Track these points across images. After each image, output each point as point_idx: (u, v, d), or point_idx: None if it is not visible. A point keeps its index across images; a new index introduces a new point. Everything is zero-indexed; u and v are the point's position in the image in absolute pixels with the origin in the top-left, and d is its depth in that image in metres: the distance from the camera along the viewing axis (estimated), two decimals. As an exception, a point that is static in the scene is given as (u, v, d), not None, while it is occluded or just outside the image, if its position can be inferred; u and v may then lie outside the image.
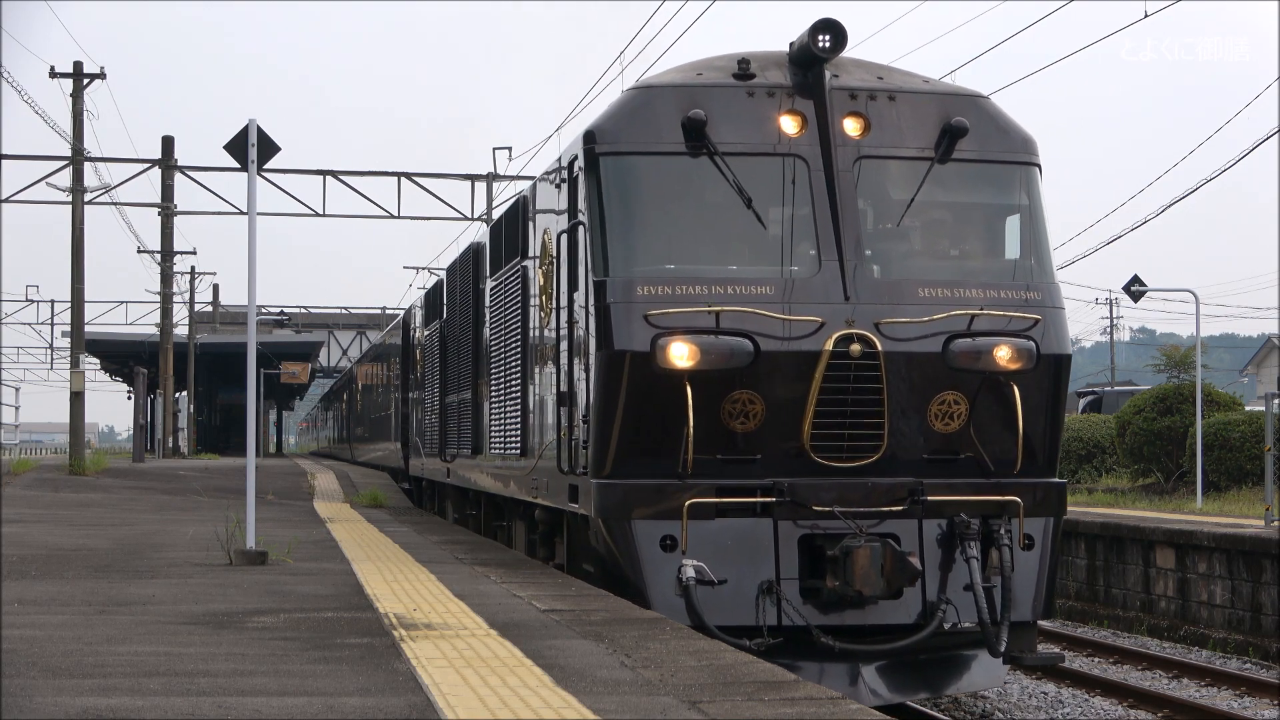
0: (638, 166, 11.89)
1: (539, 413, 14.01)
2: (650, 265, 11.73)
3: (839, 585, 11.12)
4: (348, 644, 8.80)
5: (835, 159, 11.75)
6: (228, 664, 8.09)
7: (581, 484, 11.94)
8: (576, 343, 12.11)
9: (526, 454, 14.60)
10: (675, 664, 8.05)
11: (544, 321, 13.56)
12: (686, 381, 11.16)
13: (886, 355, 11.40)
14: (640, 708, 6.86)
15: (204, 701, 6.93)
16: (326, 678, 7.63)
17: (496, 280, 16.39)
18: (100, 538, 17.21)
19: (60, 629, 9.39)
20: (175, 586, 11.95)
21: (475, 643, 8.79)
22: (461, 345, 19.15)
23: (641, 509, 11.33)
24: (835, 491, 11.45)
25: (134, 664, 8.01)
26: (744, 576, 11.24)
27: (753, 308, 11.34)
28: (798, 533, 11.40)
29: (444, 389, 20.97)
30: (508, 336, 15.52)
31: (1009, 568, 11.47)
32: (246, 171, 14.50)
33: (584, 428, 11.82)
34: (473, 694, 7.14)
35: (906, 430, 11.62)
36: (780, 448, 11.47)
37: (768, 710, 6.86)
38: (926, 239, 12.45)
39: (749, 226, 11.80)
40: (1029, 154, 12.31)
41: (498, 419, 16.21)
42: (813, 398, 11.34)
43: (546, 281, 13.45)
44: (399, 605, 10.59)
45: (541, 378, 13.80)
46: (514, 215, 15.41)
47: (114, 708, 6.77)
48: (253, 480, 14.45)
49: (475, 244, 18.66)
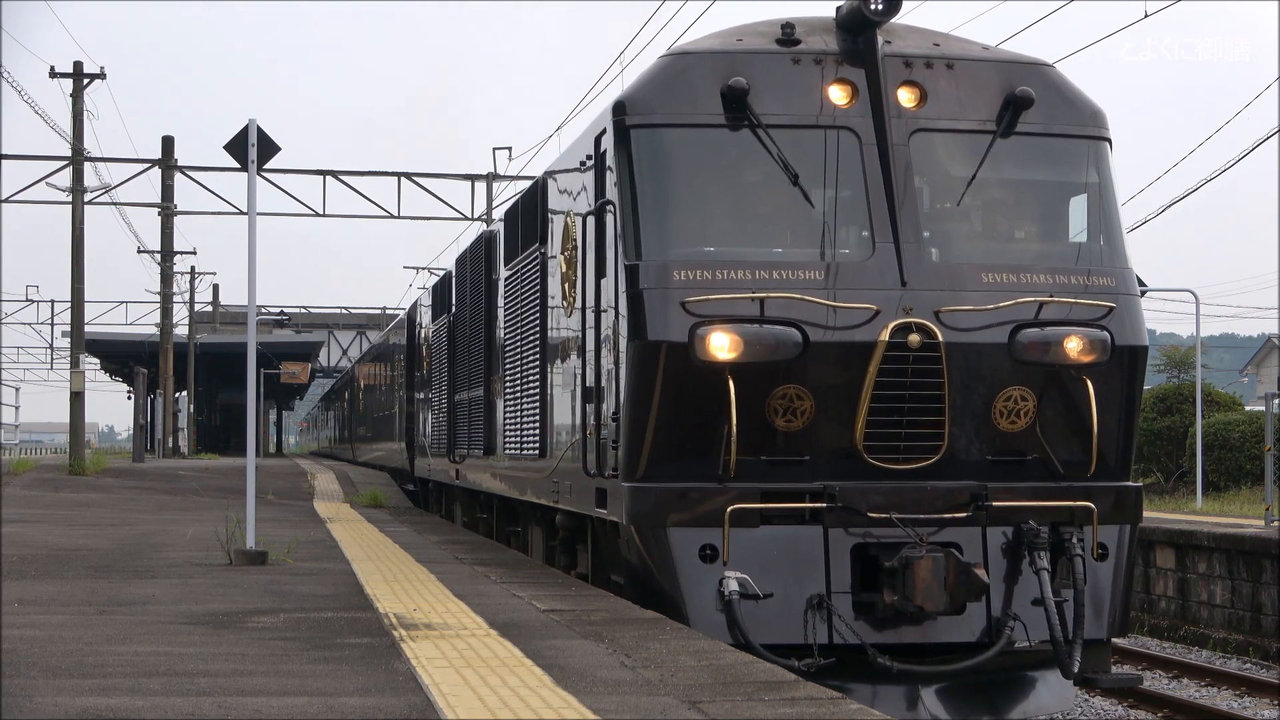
0: (673, 140, 10.99)
1: (560, 410, 13.18)
2: (687, 248, 10.85)
3: (897, 600, 10.22)
4: (348, 644, 8.80)
5: (889, 132, 10.85)
6: (228, 664, 8.09)
7: (611, 488, 11.11)
8: (604, 334, 11.27)
9: (546, 455, 13.77)
10: (675, 664, 8.04)
11: (566, 312, 12.67)
12: (728, 375, 10.29)
13: (948, 346, 10.52)
14: (640, 708, 6.86)
15: (204, 701, 6.93)
16: (326, 678, 7.63)
17: (512, 270, 15.47)
18: (100, 538, 17.21)
19: (60, 629, 9.39)
20: (175, 586, 11.95)
21: (475, 643, 8.79)
22: (473, 340, 18.23)
23: (678, 515, 10.45)
24: (891, 496, 10.55)
25: (134, 664, 8.01)
26: (791, 590, 10.36)
27: (800, 294, 10.46)
28: (850, 541, 10.50)
29: (453, 386, 20.17)
30: (524, 329, 14.68)
31: (1082, 580, 10.56)
32: (246, 171, 14.50)
33: (613, 426, 10.95)
34: (473, 694, 7.14)
35: (968, 429, 10.78)
36: (830, 448, 10.62)
37: (768, 710, 6.86)
38: (988, 219, 11.54)
39: (795, 205, 10.92)
40: (1099, 127, 11.40)
41: (513, 417, 15.38)
42: (866, 393, 10.48)
43: (569, 269, 12.53)
44: (399, 605, 10.59)
45: (563, 372, 12.98)
46: (531, 200, 14.48)
47: (114, 708, 6.76)
48: (253, 480, 14.45)
49: (487, 232, 17.77)
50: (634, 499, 10.56)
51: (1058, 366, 10.80)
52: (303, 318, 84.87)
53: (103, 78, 39.09)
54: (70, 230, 36.71)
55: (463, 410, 19.13)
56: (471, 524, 20.55)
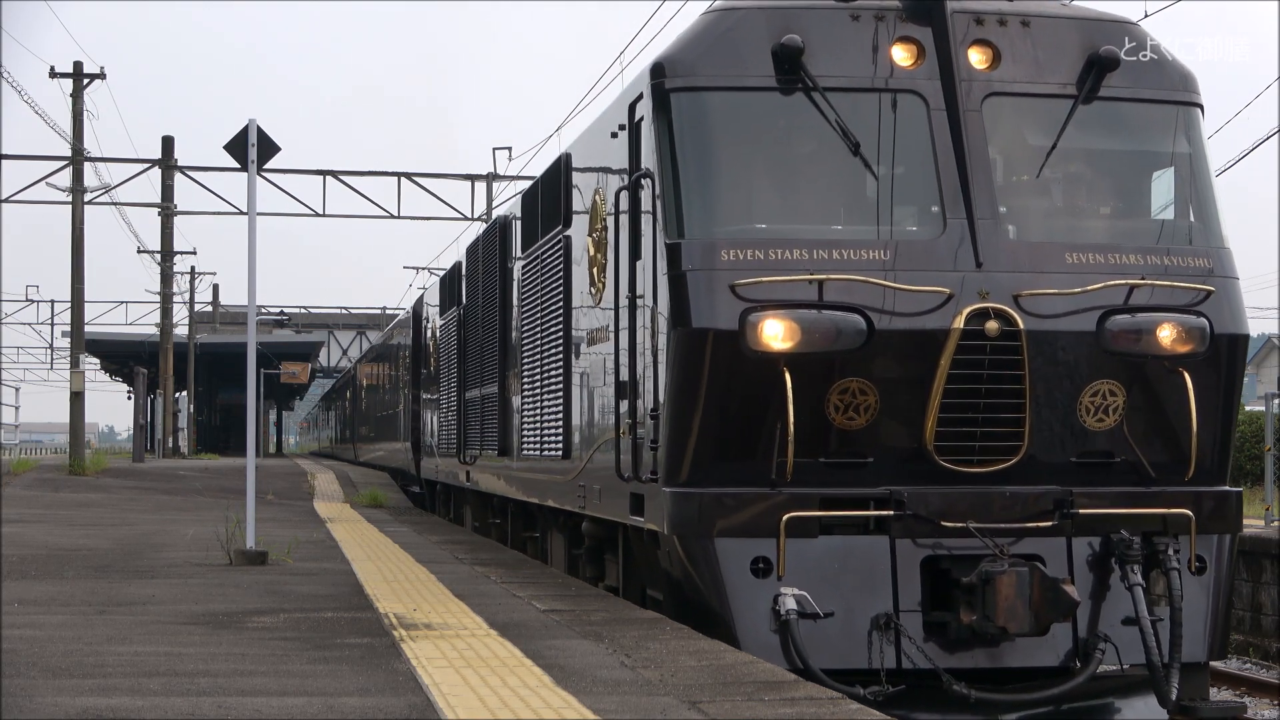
0: (718, 104, 9.93)
1: (587, 408, 12.16)
2: (735, 225, 9.83)
3: (976, 620, 9.18)
4: (348, 644, 8.80)
5: (959, 96, 9.82)
6: (228, 664, 8.09)
7: (649, 493, 10.05)
8: (641, 322, 10.27)
9: (570, 456, 12.67)
10: (675, 664, 8.04)
11: (595, 299, 11.64)
12: (784, 367, 9.30)
13: (1029, 335, 9.50)
14: (640, 708, 6.86)
15: (204, 701, 6.93)
16: (326, 678, 7.63)
17: (530, 256, 14.37)
18: (100, 538, 17.21)
19: (60, 629, 9.39)
20: (175, 586, 11.95)
21: (475, 643, 8.79)
22: (486, 333, 17.12)
23: (727, 524, 9.41)
24: (966, 502, 9.53)
25: (134, 664, 8.01)
26: (855, 608, 9.33)
27: (864, 276, 9.44)
28: (919, 554, 9.47)
29: (464, 383, 19.17)
30: (546, 319, 13.59)
31: (1179, 596, 9.51)
32: (246, 171, 14.51)
33: (651, 425, 9.94)
34: (473, 694, 7.14)
35: (1051, 427, 9.71)
36: (896, 449, 9.60)
37: (768, 710, 6.86)
38: (1070, 193, 10.45)
39: (856, 177, 9.92)
40: (1189, 92, 10.34)
41: (532, 415, 14.32)
42: (938, 387, 9.45)
43: (598, 252, 11.53)
44: (399, 605, 10.59)
45: (590, 366, 11.94)
46: (553, 178, 13.25)
47: (114, 708, 6.76)
48: (253, 480, 14.46)
49: (501, 218, 16.63)
50: (676, 506, 9.59)
51: (1150, 357, 9.79)
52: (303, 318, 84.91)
53: (103, 78, 39.13)
54: (70, 230, 36.75)
55: (474, 409, 18.22)
56: (483, 529, 19.66)
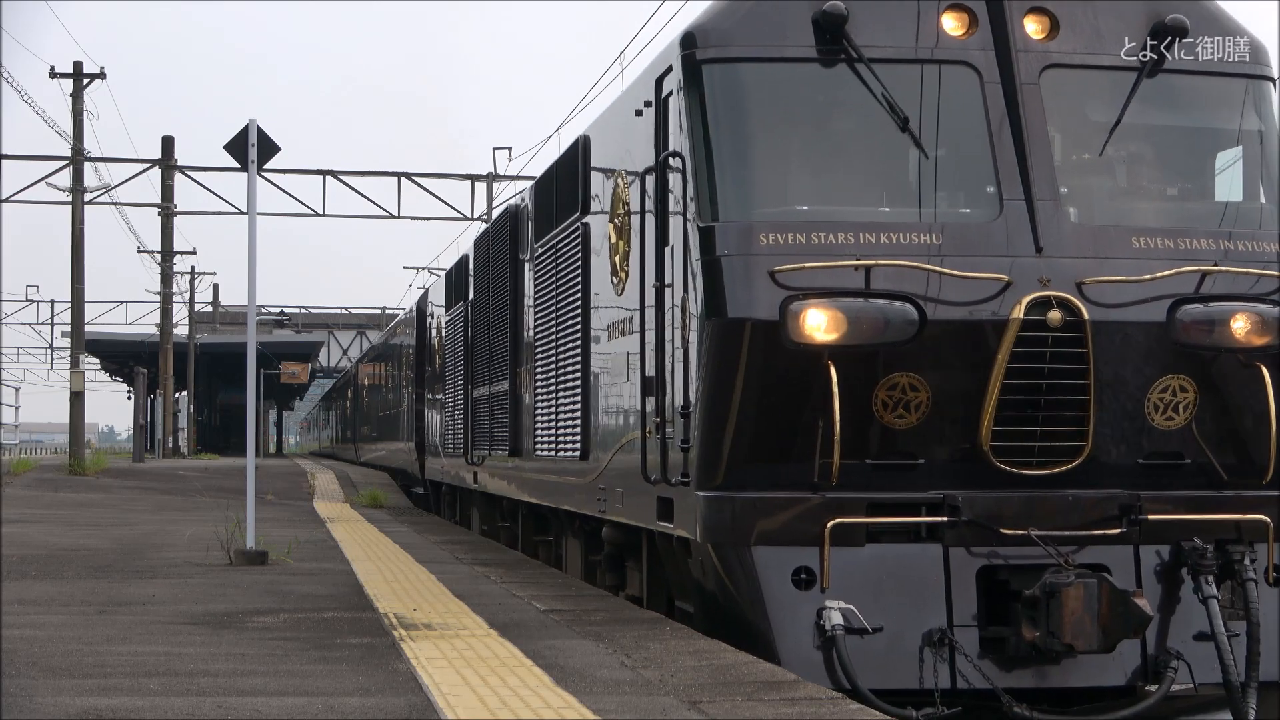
0: (755, 76, 9.23)
1: (607, 405, 11.43)
2: (774, 206, 9.13)
3: (1040, 636, 8.47)
4: (348, 644, 8.80)
5: (1016, 68, 9.13)
6: (228, 664, 8.09)
7: (678, 497, 9.38)
8: (669, 313, 9.56)
9: (588, 457, 11.94)
10: (675, 664, 8.04)
11: (617, 289, 10.93)
12: (829, 360, 8.59)
13: (1095, 325, 8.76)
14: (640, 708, 6.86)
15: (204, 701, 6.93)
16: (326, 678, 7.63)
17: (544, 246, 13.56)
18: (100, 538, 17.21)
19: (60, 629, 9.39)
20: (175, 586, 11.95)
21: (475, 643, 8.79)
22: (496, 328, 16.34)
23: (766, 531, 8.73)
24: (1026, 508, 8.84)
25: (134, 664, 8.01)
26: (905, 623, 8.64)
27: (915, 261, 8.73)
28: (975, 563, 8.80)
29: (471, 380, 18.44)
30: (561, 313, 12.80)
31: (1256, 610, 8.82)
32: (246, 171, 14.52)
33: (681, 424, 9.24)
34: (473, 694, 7.14)
35: (1117, 426, 9.00)
36: (949, 449, 8.91)
37: (768, 710, 6.86)
38: (1134, 173, 9.73)
39: (904, 155, 9.19)
40: (1261, 64, 9.62)
41: (546, 414, 13.53)
42: (995, 382, 8.73)
43: (619, 239, 10.79)
44: (399, 605, 10.59)
45: (611, 361, 11.20)
46: (570, 163, 12.49)
47: (114, 708, 6.77)
48: (253, 480, 14.47)
49: (512, 207, 15.68)
50: (710, 511, 8.89)
51: (1223, 350, 9.06)
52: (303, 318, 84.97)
53: (103, 78, 39.17)
54: (70, 230, 36.77)
55: (482, 407, 17.44)
56: (492, 532, 18.80)
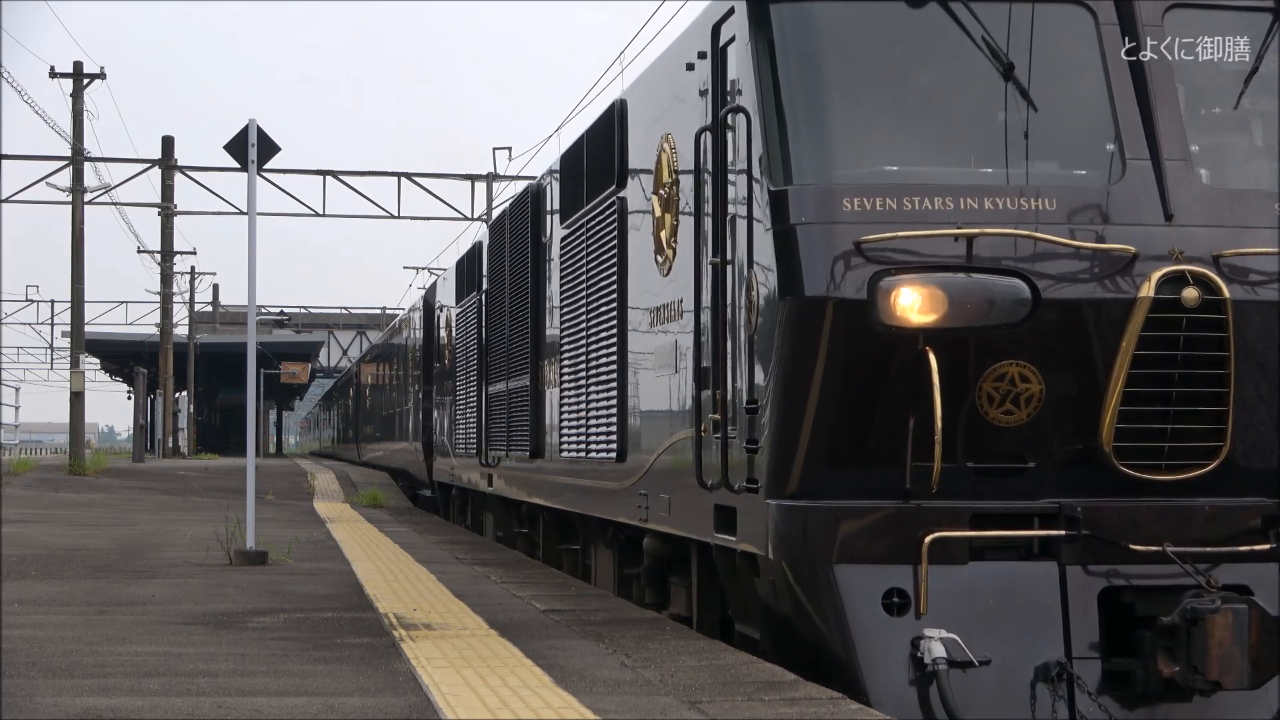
0: (833, 19, 7.97)
1: (650, 400, 10.18)
2: (859, 167, 7.85)
3: (1180, 671, 7.33)
4: (348, 644, 8.80)
5: (1137, 9, 7.91)
6: (228, 664, 8.09)
7: (743, 506, 8.13)
8: (731, 294, 8.32)
9: (625, 458, 10.72)
10: (675, 664, 8.04)
11: (662, 269, 9.74)
12: (927, 346, 7.39)
13: (1236, 305, 7.51)
14: (640, 708, 6.86)
15: (204, 701, 6.93)
16: (326, 678, 7.63)
17: (573, 227, 12.35)
18: (100, 538, 17.22)
19: (60, 629, 9.39)
20: (175, 586, 11.95)
21: (475, 643, 8.79)
22: (514, 319, 15.18)
23: (852, 547, 7.52)
24: (1157, 519, 7.62)
25: (134, 664, 8.01)
26: (1017, 654, 7.44)
27: (1025, 230, 7.49)
28: (1096, 585, 7.57)
29: (486, 376, 17.26)
30: (594, 299, 11.58)
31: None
32: (246, 171, 14.52)
33: (747, 421, 8.00)
34: (473, 694, 7.14)
35: (1258, 424, 7.74)
36: (1064, 451, 7.69)
37: (768, 710, 6.86)
38: (1272, 129, 8.28)
39: (1010, 108, 7.88)
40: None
41: (574, 411, 12.37)
42: (1120, 373, 7.51)
43: (666, 212, 9.64)
44: (399, 605, 10.59)
45: (656, 351, 9.97)
46: (604, 131, 11.33)
47: (114, 708, 6.76)
48: (253, 480, 14.47)
49: (534, 184, 14.54)
50: (785, 522, 7.65)
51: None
52: (303, 318, 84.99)
53: (103, 78, 39.17)
54: (70, 230, 36.77)
55: (499, 404, 16.27)
56: (508, 540, 17.43)
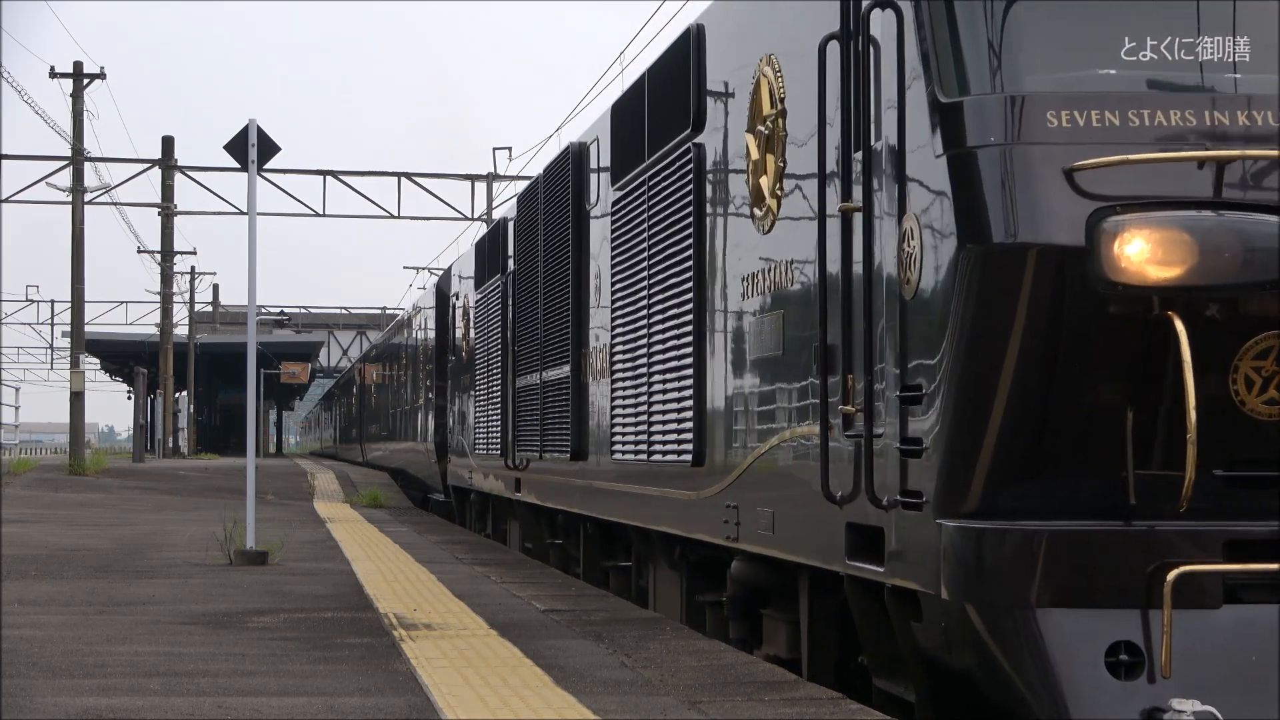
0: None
1: (740, 390, 8.34)
2: (1061, 71, 5.88)
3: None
4: (348, 644, 8.79)
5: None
6: (228, 664, 8.09)
7: (896, 526, 6.25)
8: (875, 247, 6.41)
9: (704, 461, 8.98)
10: (675, 664, 8.03)
11: (760, 225, 7.89)
12: (1170, 313, 5.54)
13: None
14: (640, 708, 6.85)
15: (204, 701, 6.93)
16: (326, 678, 7.62)
17: (630, 185, 10.61)
18: (100, 538, 17.22)
19: (60, 629, 9.38)
20: (175, 586, 11.95)
21: (475, 643, 8.78)
22: (549, 302, 13.48)
23: (1063, 584, 5.65)
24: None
25: (134, 664, 8.01)
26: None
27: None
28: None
29: (513, 367, 15.65)
30: (658, 270, 9.90)
31: None
32: (246, 171, 14.52)
33: (900, 414, 6.18)
34: (473, 694, 7.14)
35: None
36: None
37: (768, 710, 6.85)
38: None
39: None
40: None
41: (630, 405, 10.68)
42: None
43: (767, 152, 7.76)
44: (399, 605, 10.59)
45: (751, 327, 8.10)
46: (674, 67, 9.59)
47: (114, 708, 6.76)
48: (253, 480, 14.47)
49: (576, 144, 12.67)
50: (967, 550, 5.75)
51: None
52: (303, 318, 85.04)
53: (103, 78, 39.20)
54: (70, 230, 36.78)
55: (528, 399, 14.72)
56: (539, 553, 15.62)
